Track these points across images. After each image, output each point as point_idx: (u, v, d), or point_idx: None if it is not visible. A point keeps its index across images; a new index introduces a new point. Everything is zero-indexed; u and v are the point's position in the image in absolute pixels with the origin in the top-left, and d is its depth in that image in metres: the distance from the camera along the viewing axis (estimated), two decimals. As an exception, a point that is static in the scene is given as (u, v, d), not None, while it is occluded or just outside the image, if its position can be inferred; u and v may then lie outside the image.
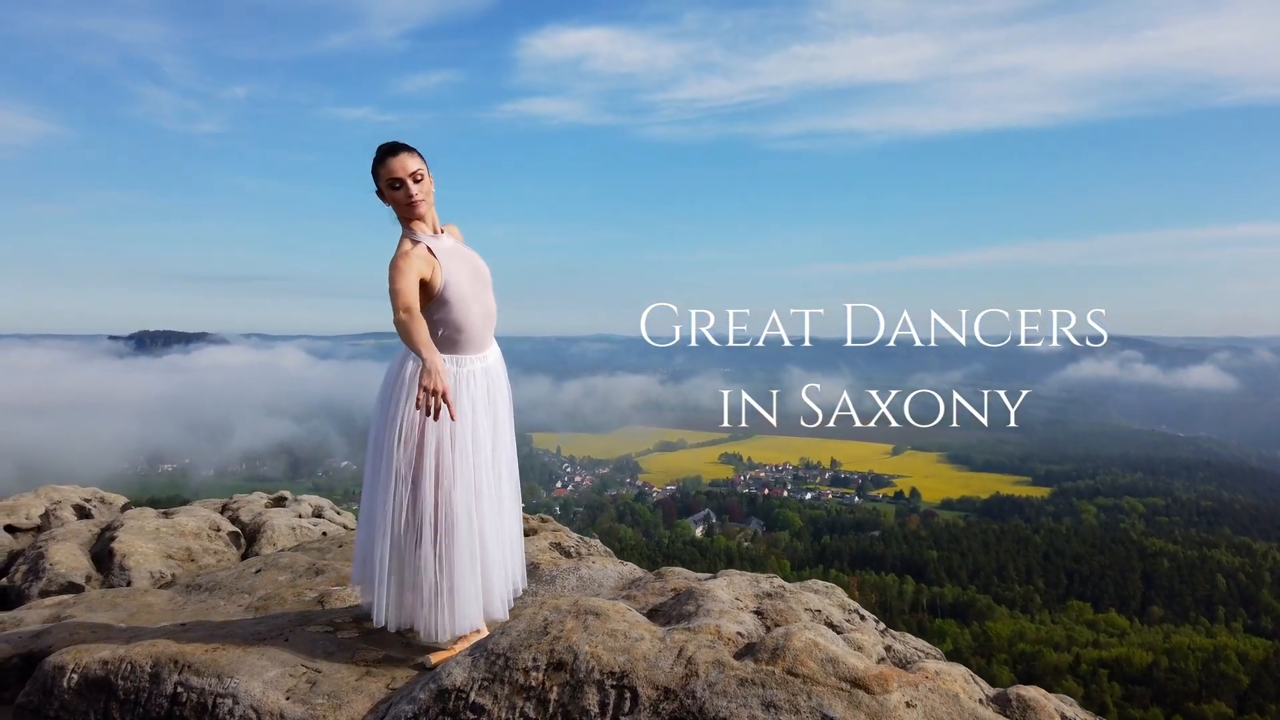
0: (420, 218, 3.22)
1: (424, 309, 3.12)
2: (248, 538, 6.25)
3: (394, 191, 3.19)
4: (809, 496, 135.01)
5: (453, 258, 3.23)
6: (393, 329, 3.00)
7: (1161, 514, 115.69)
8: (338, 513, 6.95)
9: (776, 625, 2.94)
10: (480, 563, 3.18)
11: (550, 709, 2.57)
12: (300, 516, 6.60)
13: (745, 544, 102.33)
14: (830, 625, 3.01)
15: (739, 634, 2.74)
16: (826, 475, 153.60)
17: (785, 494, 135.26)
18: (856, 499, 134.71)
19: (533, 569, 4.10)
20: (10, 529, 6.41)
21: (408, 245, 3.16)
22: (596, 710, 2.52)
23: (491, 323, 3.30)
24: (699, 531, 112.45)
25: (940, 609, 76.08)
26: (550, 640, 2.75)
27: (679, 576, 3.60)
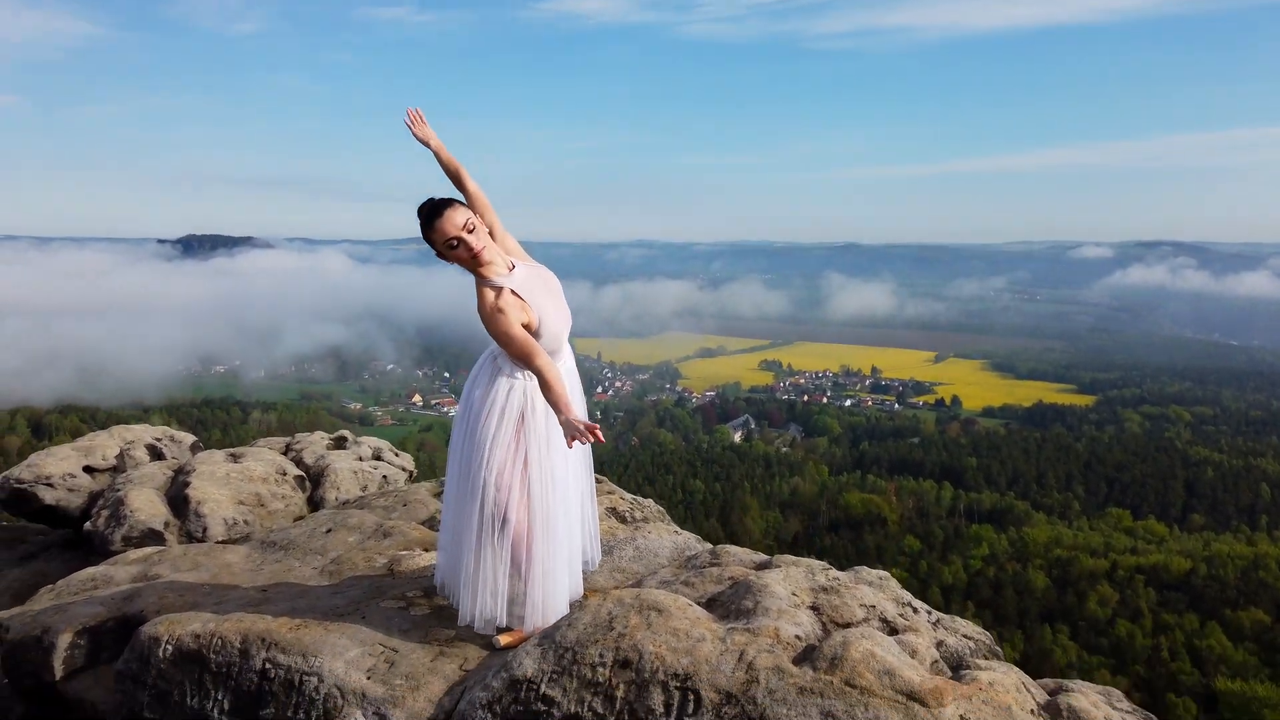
0: (489, 263, 3.26)
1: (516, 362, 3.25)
2: (312, 481, 6.50)
3: (454, 250, 3.22)
4: (848, 403, 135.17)
5: (534, 290, 3.29)
6: None
7: (1209, 423, 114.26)
8: (395, 454, 7.17)
9: (834, 622, 3.05)
10: (562, 558, 3.33)
11: (617, 705, 2.73)
12: (361, 460, 6.83)
13: (784, 449, 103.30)
14: (884, 620, 3.12)
15: (797, 637, 2.86)
16: (867, 382, 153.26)
17: (825, 401, 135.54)
18: (896, 406, 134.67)
19: (591, 539, 4.26)
20: (88, 469, 6.72)
21: (491, 295, 3.22)
22: (661, 710, 2.67)
23: (568, 332, 3.39)
24: (738, 437, 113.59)
25: (977, 515, 76.58)
26: (616, 637, 2.89)
27: (735, 560, 3.71)
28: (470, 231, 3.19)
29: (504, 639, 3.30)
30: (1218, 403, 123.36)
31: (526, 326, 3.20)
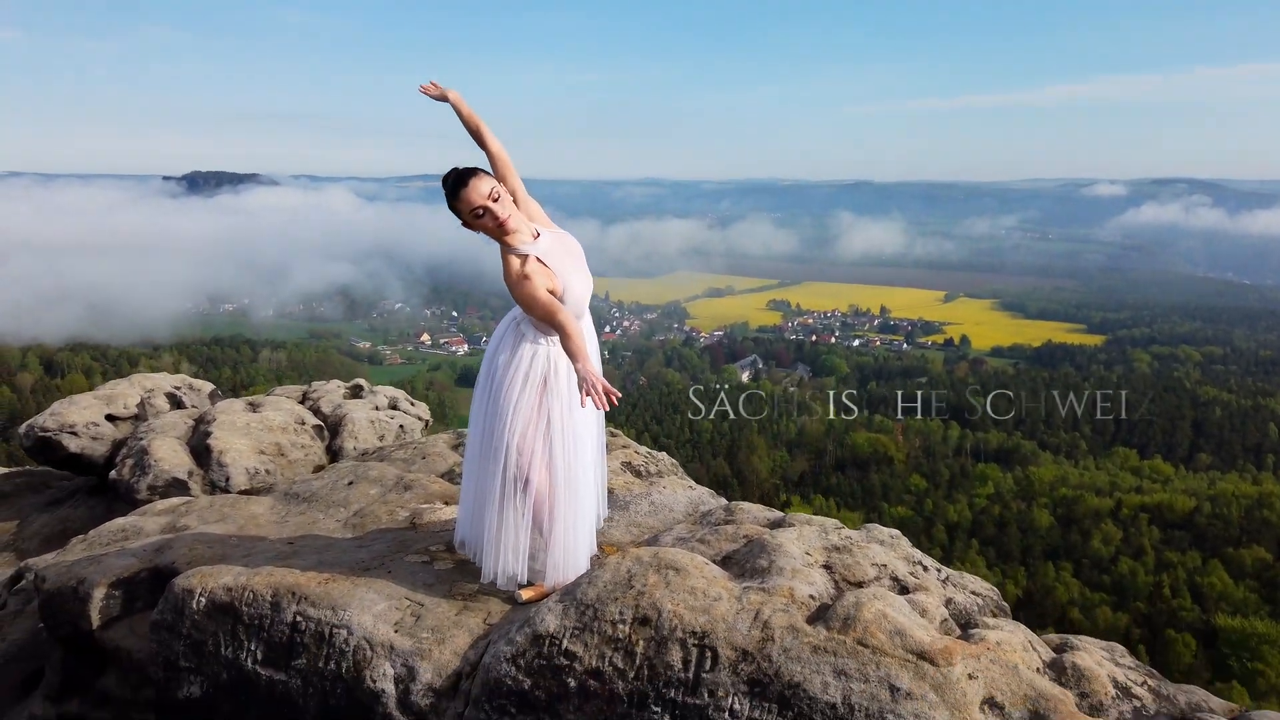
0: (514, 231, 3.28)
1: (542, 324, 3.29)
2: (330, 430, 6.61)
3: (479, 220, 3.24)
4: (856, 343, 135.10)
5: (559, 256, 3.33)
6: (443, 170, 3.25)
7: (1218, 363, 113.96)
8: (411, 404, 7.27)
9: (846, 581, 3.15)
10: (581, 513, 3.42)
11: (637, 661, 2.84)
12: (377, 409, 6.93)
13: (791, 389, 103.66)
14: (895, 579, 3.21)
15: (811, 596, 2.95)
16: (875, 322, 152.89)
17: (833, 340, 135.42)
18: (905, 346, 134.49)
19: (608, 494, 4.35)
20: (110, 418, 6.84)
21: (517, 263, 3.25)
22: (680, 666, 2.77)
23: (590, 295, 3.43)
24: (745, 377, 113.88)
25: (984, 454, 77.05)
26: (635, 595, 2.99)
27: (749, 518, 3.80)
28: (495, 201, 3.21)
29: (526, 594, 3.41)
30: (1228, 342, 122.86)
31: (551, 292, 3.24)
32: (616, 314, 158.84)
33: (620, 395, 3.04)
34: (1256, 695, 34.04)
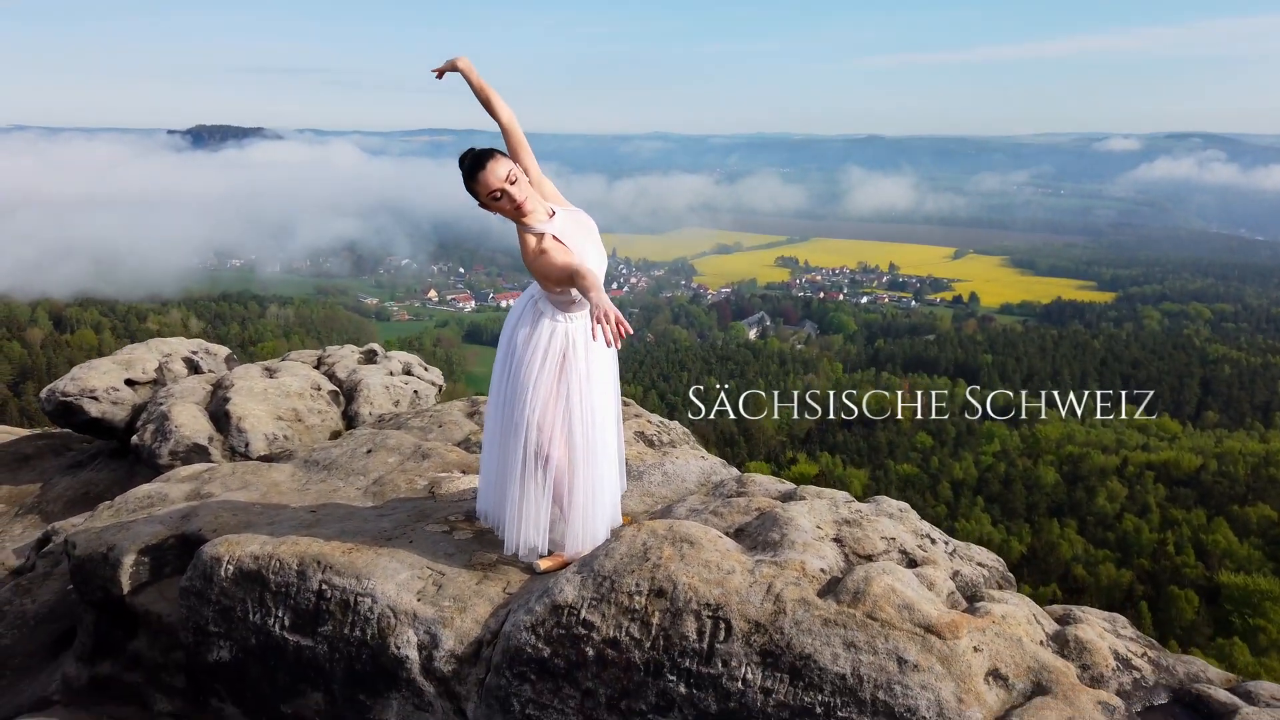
0: (531, 212, 3.32)
1: (561, 289, 3.33)
2: (346, 396, 6.71)
3: (496, 202, 3.27)
4: (865, 300, 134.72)
5: (574, 234, 3.37)
6: (448, 125, 3.24)
7: (1229, 320, 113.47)
8: (424, 369, 7.36)
9: (856, 555, 3.24)
10: (600, 486, 3.51)
11: (653, 631, 2.94)
12: (392, 374, 7.03)
13: (798, 347, 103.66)
14: (904, 552, 3.30)
15: (821, 570, 3.04)
16: (884, 279, 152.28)
17: (841, 297, 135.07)
18: (913, 303, 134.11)
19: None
20: (130, 382, 6.94)
21: (534, 241, 3.30)
22: (695, 637, 2.88)
23: (604, 272, 3.48)
24: (753, 334, 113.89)
25: (991, 412, 77.10)
26: (651, 567, 3.08)
27: (761, 490, 3.89)
28: (513, 183, 3.25)
29: (544, 563, 3.51)
30: (1240, 299, 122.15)
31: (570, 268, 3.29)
32: (624, 271, 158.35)
33: (632, 330, 3.07)
34: (1257, 651, 34.45)
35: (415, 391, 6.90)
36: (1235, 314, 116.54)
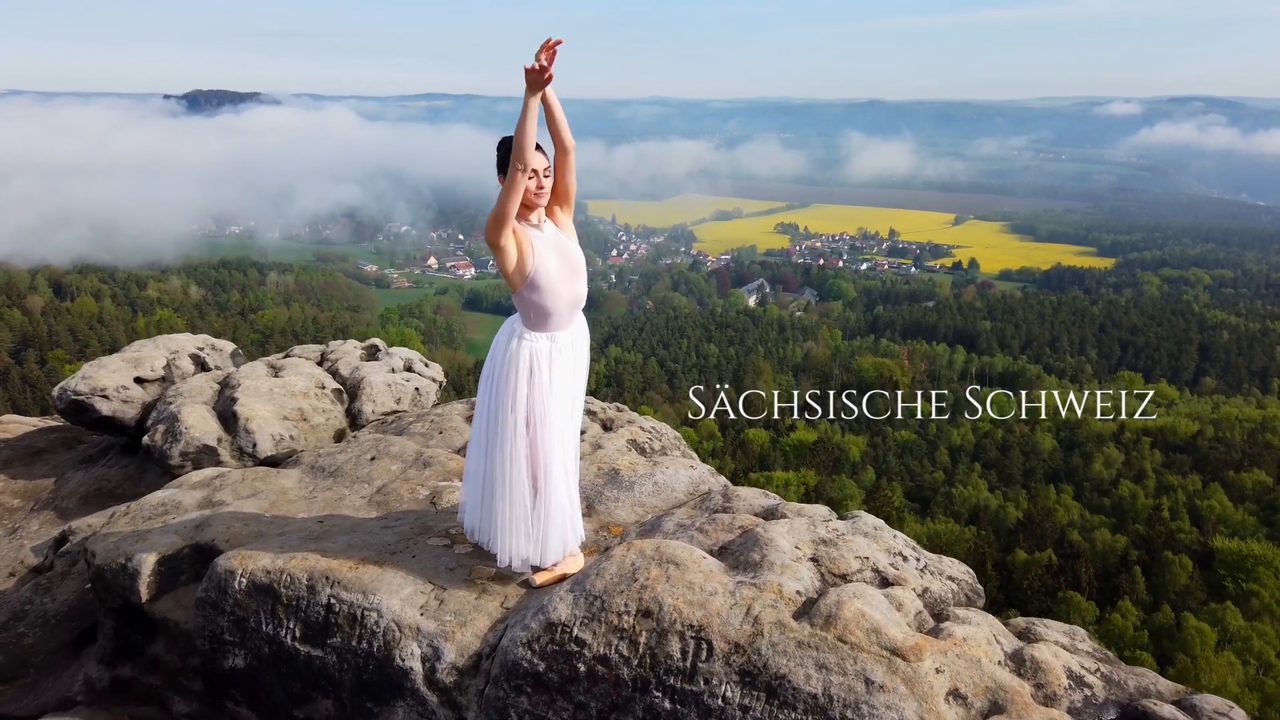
0: (533, 208, 3.55)
1: (517, 291, 3.52)
2: (349, 393, 6.91)
3: (522, 174, 3.39)
4: (864, 267, 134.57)
5: (548, 248, 3.55)
6: (446, 90, 3.41)
7: (1228, 286, 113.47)
8: (425, 365, 7.55)
9: (832, 574, 3.45)
10: (568, 500, 3.74)
11: (640, 650, 3.16)
12: (393, 371, 7.22)
13: (798, 314, 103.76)
14: (877, 570, 3.52)
15: (797, 592, 3.26)
16: (884, 245, 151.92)
17: (840, 264, 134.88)
18: (913, 270, 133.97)
19: (613, 474, 4.66)
20: (139, 380, 7.14)
21: (507, 218, 3.49)
22: (679, 656, 3.10)
23: (579, 306, 3.66)
24: (752, 301, 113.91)
25: (989, 378, 77.42)
26: (639, 588, 3.30)
27: (745, 505, 4.10)
28: (546, 177, 3.52)
29: (539, 578, 3.74)
30: (1239, 265, 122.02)
31: (520, 260, 3.49)
32: (623, 237, 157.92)
33: (561, 40, 3.16)
34: (1250, 615, 34.98)
35: (417, 389, 7.09)
36: (1235, 280, 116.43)
